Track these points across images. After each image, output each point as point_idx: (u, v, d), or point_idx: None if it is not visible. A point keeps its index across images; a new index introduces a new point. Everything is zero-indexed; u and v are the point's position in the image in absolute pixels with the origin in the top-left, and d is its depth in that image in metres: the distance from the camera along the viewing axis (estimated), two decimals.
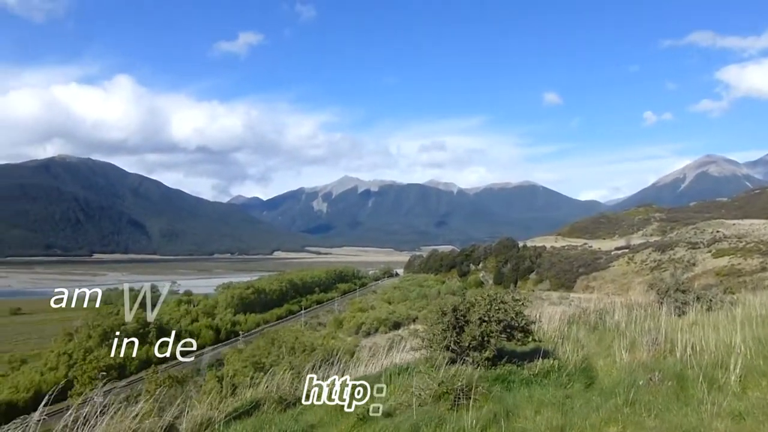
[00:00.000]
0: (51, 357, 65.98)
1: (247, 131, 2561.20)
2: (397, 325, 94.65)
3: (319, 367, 9.69)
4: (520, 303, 8.76)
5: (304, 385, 8.53)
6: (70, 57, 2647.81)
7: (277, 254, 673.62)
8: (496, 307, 8.41)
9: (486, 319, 8.26)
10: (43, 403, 5.30)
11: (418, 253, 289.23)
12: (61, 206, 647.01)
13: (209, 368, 59.65)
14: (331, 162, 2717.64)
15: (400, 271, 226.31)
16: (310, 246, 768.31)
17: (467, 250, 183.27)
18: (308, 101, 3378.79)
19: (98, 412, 5.88)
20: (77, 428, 5.37)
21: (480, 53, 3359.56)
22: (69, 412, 5.27)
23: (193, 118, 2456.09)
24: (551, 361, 8.74)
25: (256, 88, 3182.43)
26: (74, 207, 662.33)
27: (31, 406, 52.05)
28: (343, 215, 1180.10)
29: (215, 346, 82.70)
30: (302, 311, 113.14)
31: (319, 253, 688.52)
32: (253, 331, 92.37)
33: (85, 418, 5.49)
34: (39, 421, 5.52)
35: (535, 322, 9.57)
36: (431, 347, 8.66)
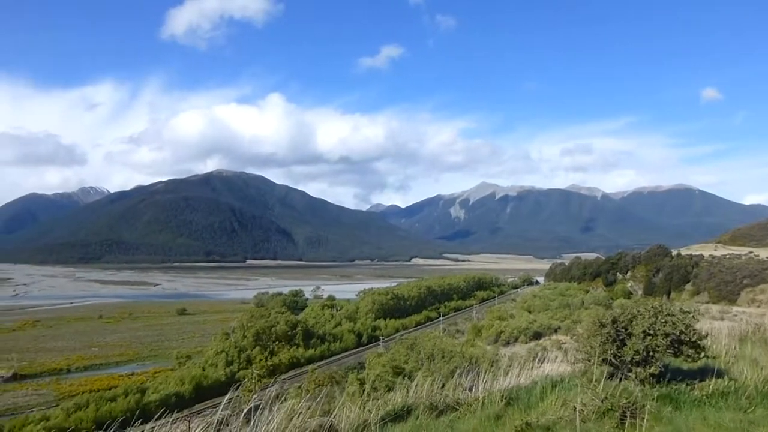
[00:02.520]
0: (211, 354, 71.47)
1: (387, 141, 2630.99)
2: (537, 335, 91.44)
3: (467, 375, 9.52)
4: (690, 316, 7.97)
5: (453, 393, 8.42)
6: (229, 80, 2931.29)
7: (415, 261, 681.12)
8: (663, 320, 7.72)
9: (651, 332, 7.62)
10: (227, 398, 5.67)
11: (559, 261, 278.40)
12: (219, 216, 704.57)
13: (351, 371, 61.46)
14: (470, 168, 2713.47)
15: (540, 279, 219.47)
16: (447, 253, 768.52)
17: (613, 258, 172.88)
18: (447, 109, 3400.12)
19: (263, 408, 6.18)
20: (255, 422, 5.67)
21: (627, 52, 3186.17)
22: (246, 408, 5.61)
23: (337, 131, 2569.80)
24: (726, 382, 7.86)
25: (397, 99, 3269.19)
26: (230, 217, 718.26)
27: (194, 398, 56.92)
28: (481, 222, 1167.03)
29: (357, 349, 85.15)
30: (440, 318, 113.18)
31: (457, 260, 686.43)
32: (392, 336, 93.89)
33: (258, 411, 5.80)
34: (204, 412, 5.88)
35: (706, 337, 8.69)
36: (588, 360, 8.15)
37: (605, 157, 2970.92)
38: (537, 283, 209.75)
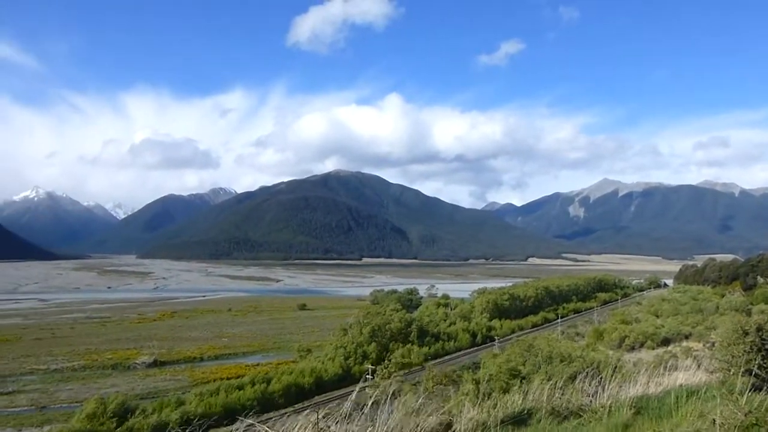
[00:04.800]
0: (330, 349, 73.79)
1: (504, 138, 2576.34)
2: (666, 341, 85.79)
3: (589, 381, 9.11)
4: None
5: (575, 398, 8.09)
6: (348, 82, 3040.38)
7: (532, 260, 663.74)
8: None
9: None
10: (356, 391, 5.82)
11: (690, 262, 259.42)
12: (336, 216, 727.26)
13: (466, 370, 60.96)
14: (591, 165, 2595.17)
15: (669, 281, 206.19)
16: (566, 252, 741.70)
17: (753, 260, 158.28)
18: (568, 103, 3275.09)
19: (382, 404, 6.28)
20: (376, 417, 5.79)
21: None
22: (368, 403, 5.74)
23: (453, 129, 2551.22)
24: None
25: (515, 95, 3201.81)
26: (347, 216, 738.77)
27: (313, 389, 59.13)
28: (602, 220, 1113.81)
29: (471, 349, 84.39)
30: (558, 320, 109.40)
31: (576, 260, 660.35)
32: (507, 336, 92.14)
33: (378, 406, 5.92)
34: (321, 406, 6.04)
35: None
36: (728, 370, 7.50)
37: (745, 149, 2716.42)
38: (665, 285, 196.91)
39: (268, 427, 5.45)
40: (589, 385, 8.90)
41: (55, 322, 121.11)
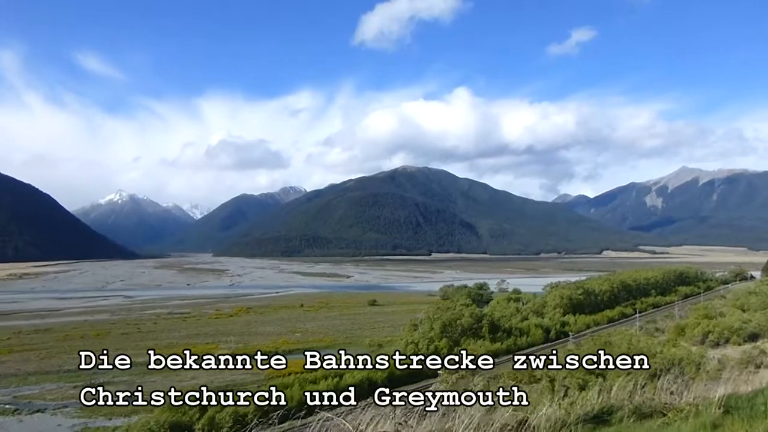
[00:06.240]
0: (401, 344, 74.13)
1: (576, 128, 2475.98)
2: (753, 337, 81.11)
3: (673, 379, 8.76)
4: None
5: (659, 396, 7.81)
6: (415, 77, 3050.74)
7: (606, 254, 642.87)
8: None
9: None
10: (433, 386, 5.85)
11: None
12: (404, 211, 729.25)
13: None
14: (670, 153, 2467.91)
15: (756, 273, 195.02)
16: (643, 245, 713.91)
17: None
18: (644, 90, 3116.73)
19: (458, 399, 6.28)
20: (454, 413, 5.80)
21: None
22: (442, 398, 5.76)
23: (522, 121, 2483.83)
24: None
25: (587, 84, 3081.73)
26: (415, 212, 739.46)
27: (386, 385, 59.61)
28: (682, 210, 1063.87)
29: (544, 345, 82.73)
30: (636, 315, 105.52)
31: (654, 253, 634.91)
32: (582, 332, 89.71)
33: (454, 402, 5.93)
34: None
35: None
36: None
37: None
38: (752, 278, 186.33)
39: (344, 420, 5.55)
40: (673, 383, 8.58)
41: (140, 318, 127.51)
